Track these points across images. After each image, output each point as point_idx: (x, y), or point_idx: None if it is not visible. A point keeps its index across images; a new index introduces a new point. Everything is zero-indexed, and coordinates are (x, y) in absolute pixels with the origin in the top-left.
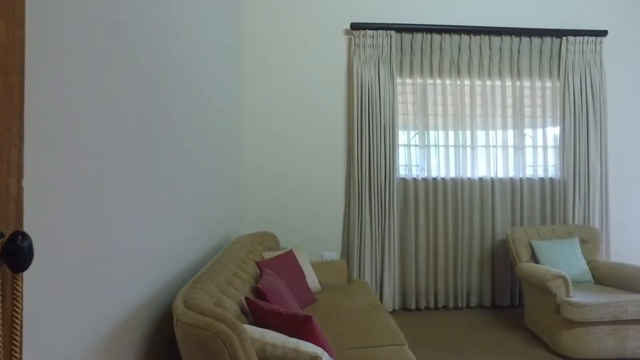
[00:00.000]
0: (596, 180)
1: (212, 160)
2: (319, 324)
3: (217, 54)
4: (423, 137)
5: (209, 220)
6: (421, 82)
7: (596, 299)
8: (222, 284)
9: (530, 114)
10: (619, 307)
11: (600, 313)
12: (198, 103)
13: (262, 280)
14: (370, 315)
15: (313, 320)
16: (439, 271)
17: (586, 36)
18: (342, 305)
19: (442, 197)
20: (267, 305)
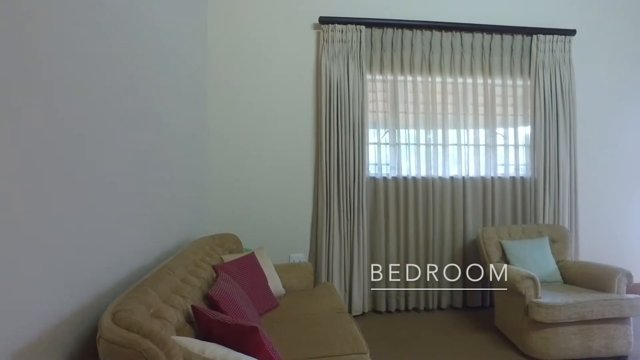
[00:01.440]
0: (565, 180)
1: (170, 159)
2: (280, 330)
3: (174, 47)
4: (393, 136)
5: (166, 222)
6: (392, 78)
7: (564, 299)
8: (166, 291)
9: (501, 113)
10: (585, 308)
11: (567, 314)
12: (151, 99)
13: (215, 286)
14: (334, 321)
15: (260, 331)
16: (410, 272)
17: (556, 35)
18: (305, 310)
19: (412, 196)
20: (213, 315)
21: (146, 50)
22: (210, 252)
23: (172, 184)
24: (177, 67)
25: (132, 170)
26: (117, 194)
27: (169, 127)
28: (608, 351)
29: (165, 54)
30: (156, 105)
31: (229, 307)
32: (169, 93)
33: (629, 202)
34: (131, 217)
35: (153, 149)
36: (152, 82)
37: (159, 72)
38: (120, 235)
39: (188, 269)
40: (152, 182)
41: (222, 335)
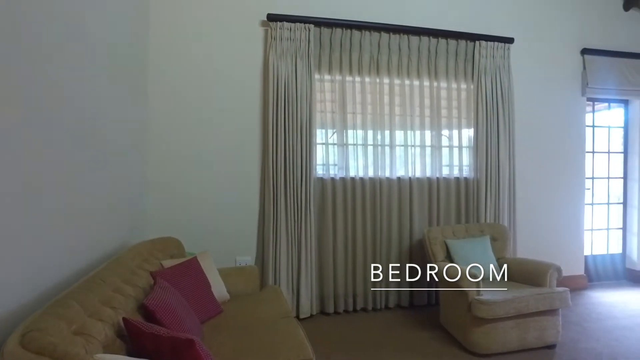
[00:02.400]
0: (505, 180)
1: (102, 157)
2: (222, 338)
3: (105, 38)
4: (341, 136)
5: (98, 226)
6: (340, 79)
7: (503, 295)
8: (93, 303)
9: (446, 115)
10: (522, 302)
11: (506, 309)
12: (71, 90)
13: (152, 294)
14: (279, 326)
15: (196, 343)
16: (358, 273)
17: (496, 42)
18: (250, 316)
19: (360, 197)
20: (147, 327)
21: (68, 40)
22: (149, 257)
23: (104, 184)
24: (108, 61)
25: (44, 168)
26: (30, 191)
27: (99, 124)
28: (540, 341)
29: (93, 46)
30: (80, 99)
31: (166, 317)
32: (97, 87)
33: (559, 201)
34: (51, 220)
35: (76, 145)
36: (73, 73)
37: (83, 63)
38: (37, 240)
39: (122, 277)
40: (74, 181)
41: (156, 349)
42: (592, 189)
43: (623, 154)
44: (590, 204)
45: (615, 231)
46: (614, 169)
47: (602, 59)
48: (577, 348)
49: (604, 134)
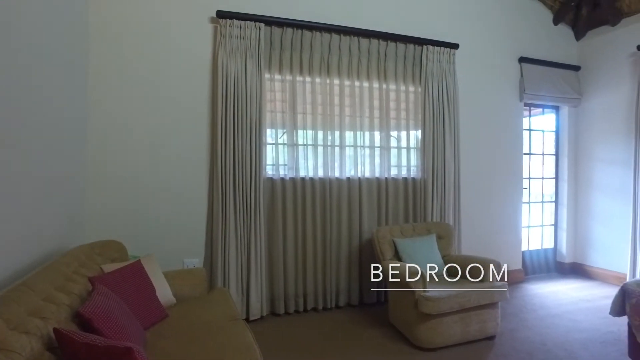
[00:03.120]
0: (450, 180)
1: (29, 158)
2: (167, 344)
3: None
4: (292, 136)
5: (22, 230)
6: (290, 79)
7: (447, 291)
8: (17, 315)
9: (395, 116)
10: (464, 297)
11: (450, 304)
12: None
13: (89, 301)
14: (227, 329)
15: (135, 352)
16: (308, 273)
17: (442, 47)
18: (196, 319)
19: (310, 197)
20: (81, 337)
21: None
22: (87, 262)
23: (36, 182)
24: (42, 55)
25: None
26: None
27: (30, 119)
28: (481, 333)
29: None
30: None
31: (105, 325)
32: (26, 81)
33: (500, 200)
34: None
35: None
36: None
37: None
38: None
39: (55, 284)
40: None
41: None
42: (528, 188)
43: (555, 156)
44: (527, 203)
45: (548, 227)
46: (547, 169)
47: (537, 68)
48: (514, 337)
49: (539, 137)
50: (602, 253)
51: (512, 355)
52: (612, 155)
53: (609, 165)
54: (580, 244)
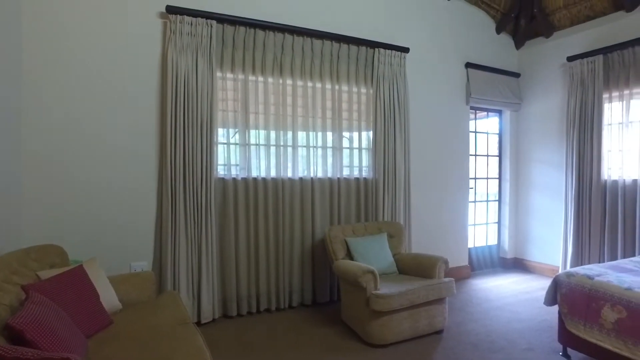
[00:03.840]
0: (401, 180)
1: None
2: (112, 352)
3: None
4: (244, 136)
5: None
6: (243, 78)
7: (398, 288)
8: None
9: (347, 117)
10: (414, 294)
11: (400, 301)
12: None
13: (21, 312)
14: (176, 334)
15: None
16: (261, 274)
17: (394, 50)
18: (144, 324)
19: (262, 197)
20: (10, 351)
21: None
22: (20, 269)
23: None
24: None
25: None
26: None
27: None
28: (430, 328)
29: None
30: None
31: (40, 337)
32: None
33: (448, 200)
34: None
35: None
36: None
37: None
38: None
39: None
40: None
41: None
42: (474, 188)
43: (498, 157)
44: (473, 202)
45: (493, 225)
46: (492, 170)
47: (482, 73)
48: (460, 330)
49: (484, 139)
50: (540, 248)
51: (458, 347)
52: (548, 156)
53: (546, 166)
54: (521, 240)
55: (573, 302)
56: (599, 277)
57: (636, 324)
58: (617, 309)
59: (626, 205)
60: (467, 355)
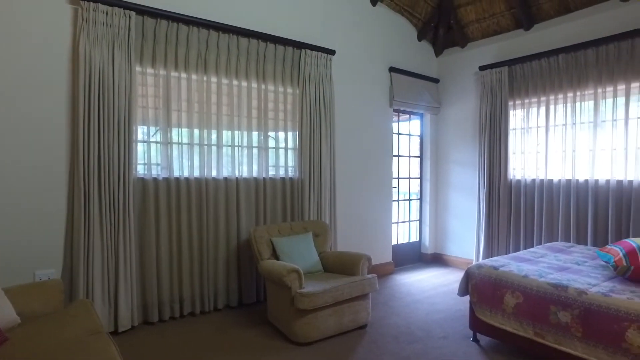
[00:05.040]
0: (327, 180)
1: None
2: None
3: None
4: (166, 134)
5: None
6: (165, 74)
7: (322, 286)
8: None
9: (273, 117)
10: (338, 291)
11: (325, 299)
12: None
13: None
14: (85, 345)
15: None
16: (184, 277)
17: (320, 52)
18: (47, 338)
19: (185, 198)
20: None
21: None
22: None
23: None
24: None
25: None
26: None
27: None
28: (354, 324)
29: None
30: None
31: None
32: None
33: (372, 199)
34: None
35: None
36: None
37: None
38: None
39: None
40: None
41: None
42: (397, 187)
43: (419, 158)
44: (396, 200)
45: (414, 223)
46: (413, 170)
47: (404, 78)
48: (383, 324)
49: (406, 141)
50: (456, 243)
51: (381, 341)
52: (464, 158)
53: (462, 166)
54: (440, 236)
55: (481, 291)
56: (502, 268)
57: (530, 307)
58: (516, 294)
59: (527, 202)
60: (388, 347)
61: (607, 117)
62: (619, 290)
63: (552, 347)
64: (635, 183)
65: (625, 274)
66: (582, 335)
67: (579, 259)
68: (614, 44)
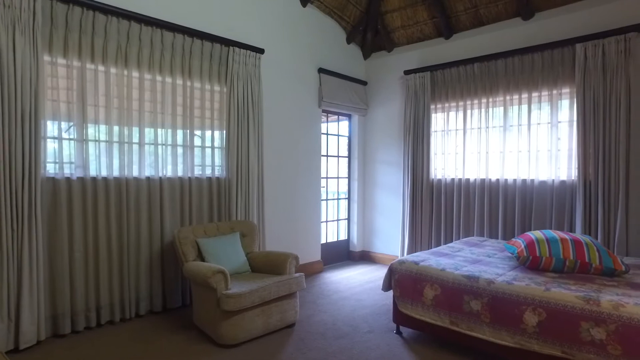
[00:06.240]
0: (254, 179)
1: None
2: None
3: None
4: (81, 130)
5: None
6: (79, 65)
7: (249, 287)
8: None
9: (199, 115)
10: (265, 291)
11: (251, 299)
12: None
13: None
14: None
15: None
16: (102, 283)
17: (249, 50)
18: None
19: (103, 198)
20: None
21: None
22: None
23: None
24: None
25: None
26: None
27: None
28: (282, 323)
29: None
30: None
31: None
32: None
33: (301, 198)
34: None
35: None
36: None
37: None
38: None
39: None
40: None
41: None
42: (326, 186)
43: (348, 158)
44: (325, 200)
45: (343, 221)
46: (342, 169)
47: (333, 79)
48: (310, 322)
49: (335, 141)
50: (383, 240)
51: (308, 338)
52: (390, 157)
53: (388, 166)
54: (368, 234)
55: (403, 285)
56: (422, 262)
57: (447, 298)
58: (434, 287)
59: (447, 200)
60: (315, 344)
61: (514, 122)
62: (520, 278)
63: (465, 333)
64: (536, 182)
65: (525, 263)
66: (490, 320)
67: (490, 252)
68: (518, 57)
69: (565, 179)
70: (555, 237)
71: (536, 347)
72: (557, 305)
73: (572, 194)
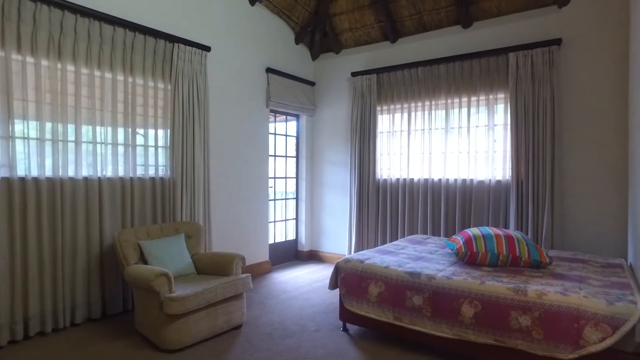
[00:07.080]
0: (200, 179)
1: None
2: None
3: None
4: (7, 127)
5: None
6: (3, 55)
7: (194, 289)
8: None
9: (142, 113)
10: (211, 292)
11: (196, 302)
12: None
13: None
14: None
15: None
16: (31, 292)
17: (194, 47)
18: None
19: (33, 200)
20: None
21: None
22: None
23: None
24: None
25: None
26: None
27: None
28: (229, 325)
29: None
30: None
31: None
32: None
33: (248, 198)
34: None
35: None
36: None
37: None
38: None
39: None
40: None
41: None
42: (274, 187)
43: (296, 158)
44: (273, 200)
45: (291, 221)
46: (290, 169)
47: (281, 79)
48: (258, 323)
49: (283, 141)
50: (331, 240)
51: (255, 339)
52: (337, 157)
53: (335, 166)
54: (316, 233)
55: (349, 283)
56: (367, 260)
57: (391, 294)
58: (378, 284)
59: (392, 200)
60: (262, 344)
61: (455, 124)
62: (458, 272)
63: (408, 327)
64: (475, 181)
65: (464, 258)
66: (431, 314)
67: (432, 249)
68: (459, 63)
69: (500, 179)
70: (491, 234)
71: (472, 337)
72: (490, 297)
73: (506, 192)
